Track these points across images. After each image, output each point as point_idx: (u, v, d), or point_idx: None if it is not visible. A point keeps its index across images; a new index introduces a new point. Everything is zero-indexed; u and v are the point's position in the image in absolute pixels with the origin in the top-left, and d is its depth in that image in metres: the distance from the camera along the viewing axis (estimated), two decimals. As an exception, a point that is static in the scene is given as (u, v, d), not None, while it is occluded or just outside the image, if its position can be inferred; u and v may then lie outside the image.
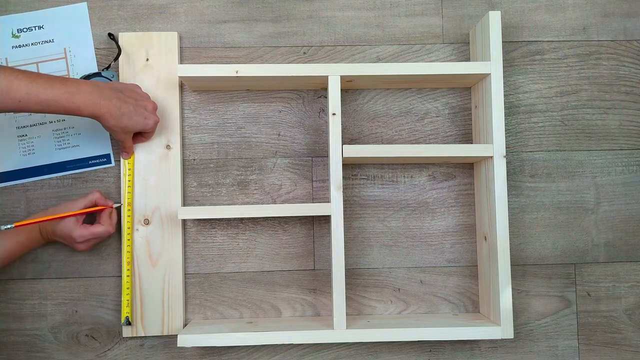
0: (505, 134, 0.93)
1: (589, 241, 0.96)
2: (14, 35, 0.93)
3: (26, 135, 0.93)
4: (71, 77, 0.94)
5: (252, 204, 0.94)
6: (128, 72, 0.92)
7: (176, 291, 0.91)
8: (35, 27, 0.94)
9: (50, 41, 0.94)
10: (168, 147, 0.92)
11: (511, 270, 0.88)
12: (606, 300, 0.96)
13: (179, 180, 0.92)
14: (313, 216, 0.95)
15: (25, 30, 0.94)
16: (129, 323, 0.89)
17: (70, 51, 0.94)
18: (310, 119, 0.96)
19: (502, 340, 0.94)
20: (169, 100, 0.93)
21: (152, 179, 0.92)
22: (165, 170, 0.92)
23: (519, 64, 0.97)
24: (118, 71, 0.93)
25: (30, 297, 0.93)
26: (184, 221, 0.94)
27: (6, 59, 0.94)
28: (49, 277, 0.93)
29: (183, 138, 0.95)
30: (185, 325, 0.92)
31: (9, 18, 0.94)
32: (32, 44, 0.94)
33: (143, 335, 0.91)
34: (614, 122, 0.97)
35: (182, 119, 0.95)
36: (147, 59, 0.93)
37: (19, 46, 0.94)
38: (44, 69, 0.94)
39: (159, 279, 0.91)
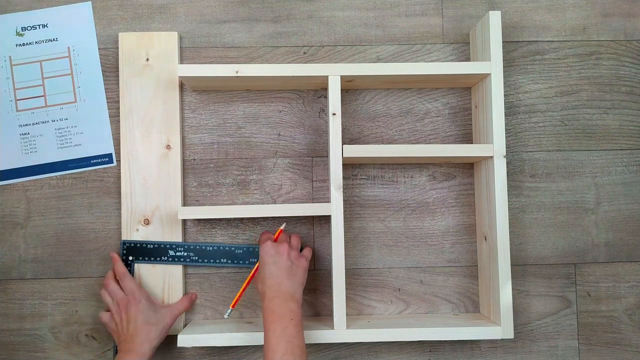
0: (505, 134, 0.93)
1: (589, 241, 0.96)
2: (18, 34, 0.94)
3: (28, 133, 0.93)
4: (74, 76, 0.94)
5: (252, 204, 0.94)
6: (128, 72, 0.93)
7: (176, 292, 0.91)
8: (39, 25, 0.94)
9: (54, 40, 0.94)
10: (168, 147, 0.92)
11: (511, 270, 0.88)
12: (606, 300, 0.96)
13: (179, 180, 0.92)
14: (313, 216, 0.95)
15: (29, 28, 0.94)
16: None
17: (74, 50, 0.94)
18: (310, 119, 0.96)
19: (502, 340, 0.94)
20: (169, 101, 0.93)
21: (152, 179, 0.92)
22: (165, 170, 0.92)
23: (519, 64, 0.97)
24: (118, 72, 0.93)
25: (30, 297, 0.93)
26: (184, 221, 0.94)
27: (10, 57, 0.94)
28: (49, 277, 0.93)
29: (183, 138, 0.95)
30: (185, 325, 0.92)
31: (13, 16, 0.94)
32: (35, 42, 0.94)
33: None
34: (614, 122, 0.97)
35: (182, 118, 0.95)
36: (147, 59, 0.93)
37: (23, 44, 0.94)
38: (48, 67, 0.94)
39: (159, 279, 0.91)
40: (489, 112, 0.88)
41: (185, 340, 0.84)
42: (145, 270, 0.91)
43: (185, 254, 0.91)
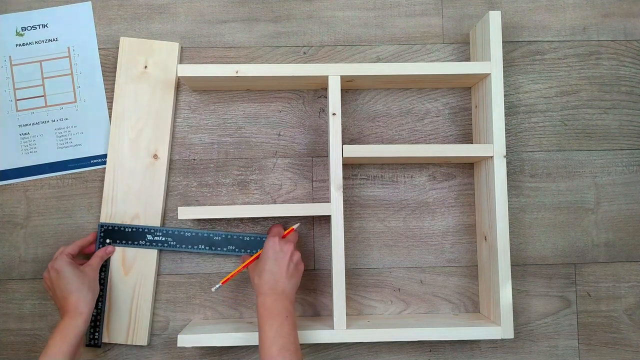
0: (506, 134, 0.93)
1: (589, 241, 0.96)
2: (18, 34, 0.94)
3: (28, 133, 0.93)
4: (74, 76, 0.94)
5: (252, 204, 0.94)
6: (125, 77, 0.93)
7: (145, 301, 0.91)
8: (39, 25, 0.94)
9: (54, 40, 0.94)
10: (155, 156, 0.92)
11: (511, 270, 0.88)
12: (606, 300, 0.96)
13: (162, 190, 0.92)
14: (313, 216, 0.95)
15: (29, 28, 0.94)
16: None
17: (74, 50, 0.94)
18: (310, 119, 0.96)
19: (502, 340, 0.94)
20: (162, 110, 0.93)
21: (135, 187, 0.92)
22: (150, 179, 0.92)
23: (519, 64, 0.97)
24: (115, 76, 0.93)
25: (30, 297, 0.93)
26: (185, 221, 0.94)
27: (10, 57, 0.94)
28: (49, 276, 0.93)
29: (171, 149, 0.94)
30: (150, 336, 0.92)
31: (13, 16, 0.94)
32: (35, 42, 0.94)
33: (108, 342, 0.91)
34: (614, 122, 0.97)
35: (174, 130, 0.95)
36: (146, 67, 0.93)
37: (23, 44, 0.94)
38: (48, 67, 0.94)
39: (129, 287, 0.91)
40: (489, 112, 0.88)
41: (185, 340, 0.84)
42: (117, 277, 0.91)
43: (163, 238, 0.91)
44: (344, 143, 0.94)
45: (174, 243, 0.91)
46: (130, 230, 0.91)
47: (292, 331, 0.78)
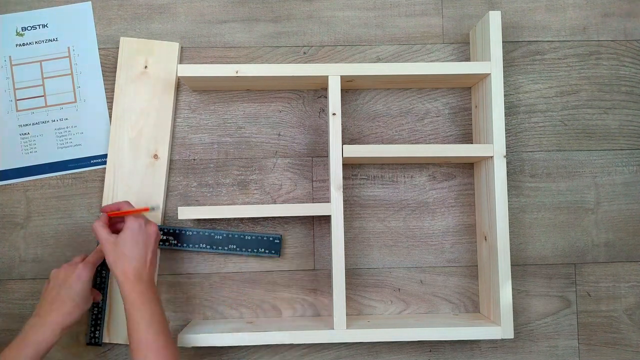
0: (506, 134, 0.93)
1: (589, 241, 0.96)
2: (17, 34, 0.94)
3: (28, 133, 0.93)
4: (74, 76, 0.94)
5: (252, 204, 0.94)
6: (125, 77, 0.93)
7: None
8: (39, 25, 0.94)
9: (54, 40, 0.94)
10: (155, 156, 0.92)
11: (511, 270, 0.88)
12: (606, 300, 0.96)
13: (163, 189, 0.92)
14: (313, 216, 0.95)
15: (29, 28, 0.94)
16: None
17: (73, 50, 0.94)
18: (310, 119, 0.96)
19: (502, 340, 0.94)
20: (162, 110, 0.93)
21: (135, 187, 0.92)
22: (150, 179, 0.92)
23: (519, 64, 0.97)
24: (115, 76, 0.93)
25: (30, 297, 0.93)
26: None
27: (10, 57, 0.94)
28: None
29: (171, 149, 0.94)
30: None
31: (13, 16, 0.94)
32: (35, 42, 0.94)
33: (108, 342, 0.90)
34: (614, 122, 0.97)
35: (174, 130, 0.95)
36: (146, 67, 0.93)
37: (23, 44, 0.94)
38: (48, 67, 0.94)
39: None
40: (489, 112, 0.88)
41: (185, 340, 0.84)
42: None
43: (165, 237, 0.91)
44: (344, 143, 0.94)
45: (175, 242, 0.91)
46: None
47: (163, 315, 0.79)
